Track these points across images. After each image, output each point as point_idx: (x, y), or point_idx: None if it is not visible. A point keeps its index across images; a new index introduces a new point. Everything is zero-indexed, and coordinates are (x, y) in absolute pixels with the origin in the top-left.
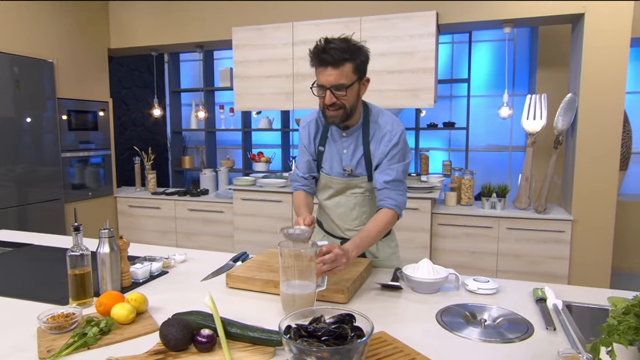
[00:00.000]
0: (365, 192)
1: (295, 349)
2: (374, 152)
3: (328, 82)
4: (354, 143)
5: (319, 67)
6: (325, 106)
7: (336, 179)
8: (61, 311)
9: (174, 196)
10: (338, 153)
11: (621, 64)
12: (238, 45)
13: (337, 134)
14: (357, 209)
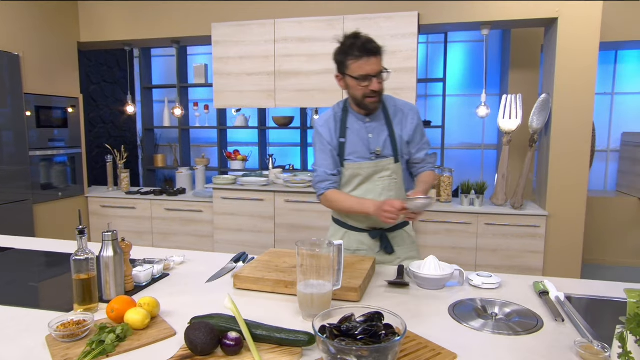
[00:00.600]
0: (392, 174)
1: (334, 349)
2: (402, 132)
3: (375, 70)
4: (377, 127)
5: (363, 58)
6: (369, 94)
7: (365, 164)
8: (70, 318)
9: (150, 195)
10: (363, 139)
11: (591, 67)
12: (218, 41)
13: (357, 122)
14: (385, 193)
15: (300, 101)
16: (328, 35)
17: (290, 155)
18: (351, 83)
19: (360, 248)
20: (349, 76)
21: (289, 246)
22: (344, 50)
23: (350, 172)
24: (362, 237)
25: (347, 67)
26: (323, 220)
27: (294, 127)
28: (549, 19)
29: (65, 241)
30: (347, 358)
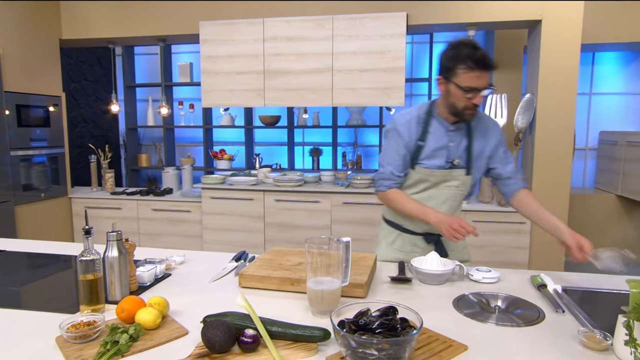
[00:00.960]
0: (459, 185)
1: (355, 343)
2: (483, 146)
3: (483, 85)
4: (459, 136)
5: (475, 71)
6: (470, 106)
7: (437, 172)
8: (80, 319)
9: (136, 196)
10: (443, 146)
11: (573, 68)
12: (206, 40)
13: (441, 129)
14: (449, 202)
15: (290, 100)
16: (317, 35)
17: (277, 155)
18: (454, 92)
19: (414, 250)
20: (454, 84)
21: (280, 245)
22: (457, 57)
23: (420, 176)
24: (417, 240)
25: (456, 75)
26: (313, 219)
27: (281, 127)
28: (532, 20)
29: (52, 242)
30: (367, 351)
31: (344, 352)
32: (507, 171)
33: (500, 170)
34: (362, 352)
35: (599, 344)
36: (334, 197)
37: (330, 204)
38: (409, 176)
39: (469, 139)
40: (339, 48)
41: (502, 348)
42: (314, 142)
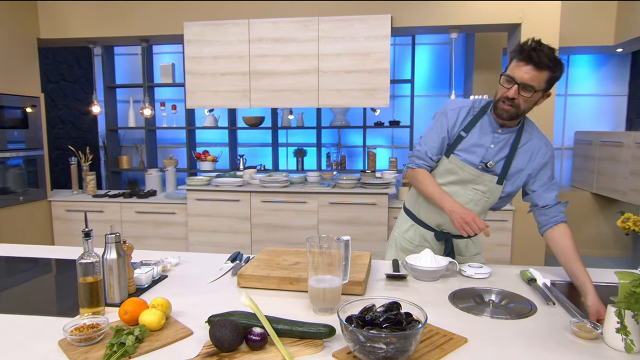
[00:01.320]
0: (486, 192)
1: (364, 338)
2: (526, 163)
3: (522, 78)
4: (503, 142)
5: (520, 62)
6: (503, 98)
7: (467, 167)
8: (83, 322)
9: (119, 198)
10: (483, 144)
11: None
12: (191, 40)
13: (488, 128)
14: (471, 205)
15: (276, 101)
16: (303, 36)
17: (260, 156)
18: (500, 80)
19: (422, 244)
20: (502, 74)
21: (267, 246)
22: (517, 49)
23: (451, 166)
24: (427, 235)
25: (509, 65)
26: (300, 220)
27: (265, 127)
28: (512, 24)
29: (36, 246)
30: (376, 345)
31: (352, 347)
32: (547, 198)
33: (540, 194)
34: (370, 346)
35: (590, 333)
36: (321, 197)
37: (317, 204)
38: (440, 164)
39: (512, 150)
40: (325, 49)
41: (500, 340)
42: (298, 143)
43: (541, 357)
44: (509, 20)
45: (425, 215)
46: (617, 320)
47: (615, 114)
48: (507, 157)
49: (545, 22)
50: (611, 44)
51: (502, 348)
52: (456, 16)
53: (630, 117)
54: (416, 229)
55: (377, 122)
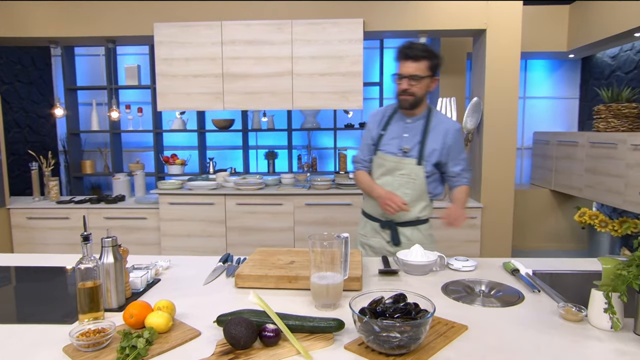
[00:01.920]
0: (410, 174)
1: (379, 328)
2: (438, 143)
3: (407, 72)
4: (414, 129)
5: (401, 60)
6: (400, 92)
7: (389, 157)
8: (88, 327)
9: (86, 204)
10: (398, 135)
11: (515, 73)
12: (161, 42)
13: (400, 120)
14: (402, 190)
15: (250, 104)
16: (277, 39)
17: (230, 159)
18: (394, 82)
19: (374, 236)
20: (393, 75)
21: (243, 249)
22: (396, 53)
23: (380, 161)
24: (376, 226)
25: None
26: (276, 222)
27: (235, 130)
28: (478, 29)
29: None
30: (390, 335)
31: (365, 338)
32: (455, 171)
33: (451, 168)
34: (385, 335)
35: (576, 316)
36: (296, 199)
37: (292, 206)
38: (373, 162)
39: (424, 133)
40: (299, 52)
41: (496, 326)
42: (268, 146)
43: (535, 338)
44: (474, 26)
45: (370, 208)
46: (604, 301)
47: (569, 116)
48: (420, 141)
49: (508, 28)
50: (564, 50)
51: (499, 333)
52: (425, 21)
53: (581, 119)
54: (369, 224)
55: (347, 124)
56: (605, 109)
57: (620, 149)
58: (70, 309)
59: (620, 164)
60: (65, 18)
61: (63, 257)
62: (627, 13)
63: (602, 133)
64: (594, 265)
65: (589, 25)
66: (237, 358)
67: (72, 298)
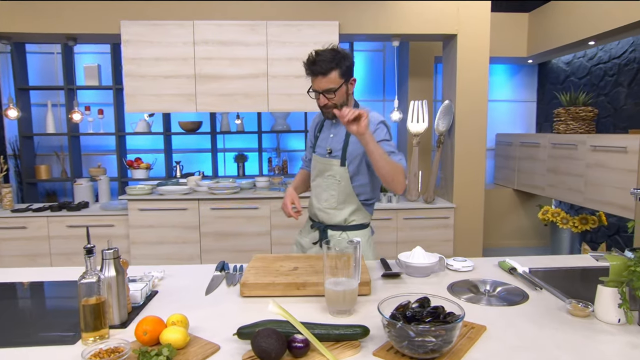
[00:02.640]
0: (335, 175)
1: (414, 333)
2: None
3: (320, 87)
4: (340, 130)
5: (311, 77)
6: (320, 106)
7: (319, 159)
8: (99, 347)
9: (46, 212)
10: (327, 137)
11: (484, 77)
12: (129, 40)
13: (329, 124)
14: (329, 191)
15: (224, 106)
16: (251, 40)
17: (196, 162)
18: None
19: (307, 235)
20: (308, 91)
21: (217, 255)
22: (305, 67)
23: (314, 162)
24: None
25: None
26: (252, 226)
27: (204, 133)
28: (449, 34)
29: None
30: (426, 339)
31: (397, 343)
32: None
33: None
34: (420, 340)
35: (583, 311)
36: (273, 202)
37: (269, 209)
38: (312, 162)
39: (346, 135)
40: (274, 54)
41: (511, 324)
42: (236, 148)
43: (552, 335)
44: (446, 31)
45: (309, 211)
46: (611, 297)
47: (528, 118)
48: (343, 141)
49: (478, 33)
50: (524, 56)
51: (517, 332)
52: (398, 26)
53: (539, 121)
54: (308, 222)
55: None
56: (565, 112)
57: (580, 150)
58: (67, 328)
59: (581, 164)
60: (20, 12)
61: (25, 271)
62: (583, 22)
63: (562, 135)
64: (582, 262)
65: (547, 33)
66: None
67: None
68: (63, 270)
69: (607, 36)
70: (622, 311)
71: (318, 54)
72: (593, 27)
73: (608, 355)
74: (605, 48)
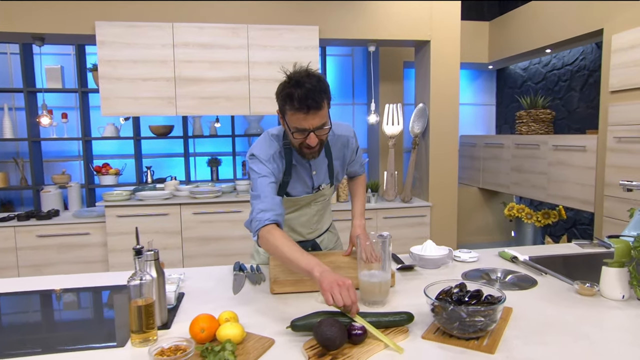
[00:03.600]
0: (326, 197)
1: (465, 314)
2: (344, 157)
3: (313, 125)
4: (320, 162)
5: (299, 113)
6: (305, 145)
7: (304, 197)
8: (160, 346)
9: (12, 221)
10: (307, 176)
11: (455, 81)
12: (104, 42)
13: (302, 161)
14: (319, 214)
15: (205, 109)
16: (232, 43)
17: (167, 167)
18: (288, 131)
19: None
20: (286, 124)
21: (200, 260)
22: (283, 95)
23: (288, 203)
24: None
25: (285, 114)
26: (235, 230)
27: (176, 137)
28: (423, 40)
29: None
30: (476, 319)
31: (448, 325)
32: (355, 170)
33: (351, 169)
34: (471, 320)
35: (590, 291)
36: None
37: None
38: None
39: (329, 158)
40: (255, 57)
41: (531, 306)
42: (209, 153)
43: (570, 312)
44: (420, 37)
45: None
46: (615, 277)
47: (488, 121)
48: (328, 166)
49: (450, 39)
50: (486, 62)
51: (540, 311)
52: (375, 31)
53: (498, 124)
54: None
55: None
56: (526, 115)
57: (542, 150)
58: (107, 331)
59: (543, 162)
60: None
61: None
62: (540, 32)
63: (525, 135)
64: (570, 250)
65: (507, 40)
66: (336, 358)
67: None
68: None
69: (562, 45)
70: (626, 288)
71: (302, 84)
72: (550, 37)
73: (622, 325)
74: (559, 56)
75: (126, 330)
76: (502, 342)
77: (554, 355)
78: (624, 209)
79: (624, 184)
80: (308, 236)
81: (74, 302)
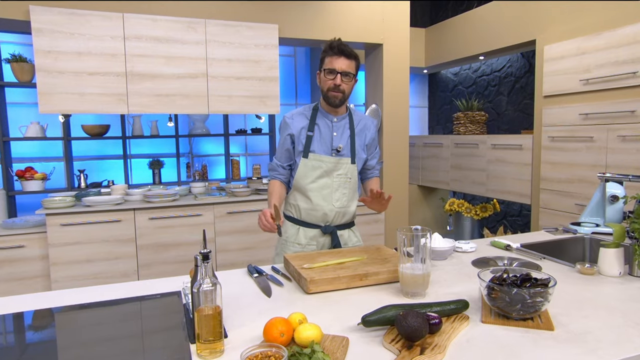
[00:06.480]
0: (347, 173)
1: (529, 295)
2: (365, 138)
3: (341, 68)
4: (342, 128)
5: (333, 56)
6: (332, 87)
7: (326, 158)
8: (252, 352)
9: None
10: (328, 135)
11: (405, 83)
12: (41, 29)
13: (325, 120)
14: (340, 190)
15: (160, 107)
16: (189, 38)
17: (100, 170)
18: (322, 77)
19: (310, 243)
20: (322, 70)
21: (156, 268)
22: (325, 47)
23: (313, 163)
24: (314, 233)
25: (323, 62)
26: (195, 234)
27: (114, 137)
28: (376, 43)
29: None
30: (537, 300)
31: (509, 307)
32: (371, 164)
33: (369, 162)
34: (532, 301)
35: (591, 270)
36: (217, 208)
37: (212, 216)
38: (304, 165)
39: (352, 131)
40: (214, 54)
41: None
42: (147, 154)
43: (583, 289)
44: (374, 40)
45: (309, 217)
46: (613, 257)
47: (421, 122)
48: (350, 138)
49: (399, 43)
50: (422, 66)
51: (560, 289)
52: (331, 33)
53: (431, 125)
54: (302, 231)
55: (238, 129)
56: (463, 116)
57: (481, 148)
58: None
59: (482, 160)
60: None
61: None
62: (476, 39)
63: (463, 135)
64: (545, 237)
65: (444, 46)
66: (424, 348)
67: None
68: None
69: (495, 53)
70: (622, 265)
71: (341, 43)
72: (485, 45)
73: (628, 295)
74: (487, 63)
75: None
76: (553, 319)
77: (604, 326)
78: (558, 200)
79: (601, 176)
80: (331, 214)
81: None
